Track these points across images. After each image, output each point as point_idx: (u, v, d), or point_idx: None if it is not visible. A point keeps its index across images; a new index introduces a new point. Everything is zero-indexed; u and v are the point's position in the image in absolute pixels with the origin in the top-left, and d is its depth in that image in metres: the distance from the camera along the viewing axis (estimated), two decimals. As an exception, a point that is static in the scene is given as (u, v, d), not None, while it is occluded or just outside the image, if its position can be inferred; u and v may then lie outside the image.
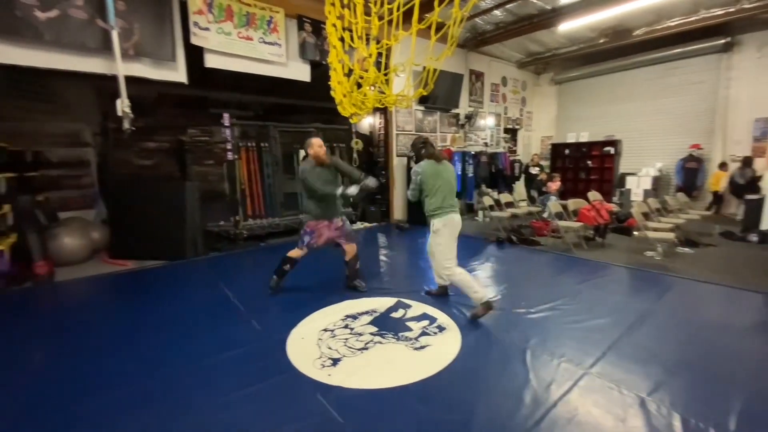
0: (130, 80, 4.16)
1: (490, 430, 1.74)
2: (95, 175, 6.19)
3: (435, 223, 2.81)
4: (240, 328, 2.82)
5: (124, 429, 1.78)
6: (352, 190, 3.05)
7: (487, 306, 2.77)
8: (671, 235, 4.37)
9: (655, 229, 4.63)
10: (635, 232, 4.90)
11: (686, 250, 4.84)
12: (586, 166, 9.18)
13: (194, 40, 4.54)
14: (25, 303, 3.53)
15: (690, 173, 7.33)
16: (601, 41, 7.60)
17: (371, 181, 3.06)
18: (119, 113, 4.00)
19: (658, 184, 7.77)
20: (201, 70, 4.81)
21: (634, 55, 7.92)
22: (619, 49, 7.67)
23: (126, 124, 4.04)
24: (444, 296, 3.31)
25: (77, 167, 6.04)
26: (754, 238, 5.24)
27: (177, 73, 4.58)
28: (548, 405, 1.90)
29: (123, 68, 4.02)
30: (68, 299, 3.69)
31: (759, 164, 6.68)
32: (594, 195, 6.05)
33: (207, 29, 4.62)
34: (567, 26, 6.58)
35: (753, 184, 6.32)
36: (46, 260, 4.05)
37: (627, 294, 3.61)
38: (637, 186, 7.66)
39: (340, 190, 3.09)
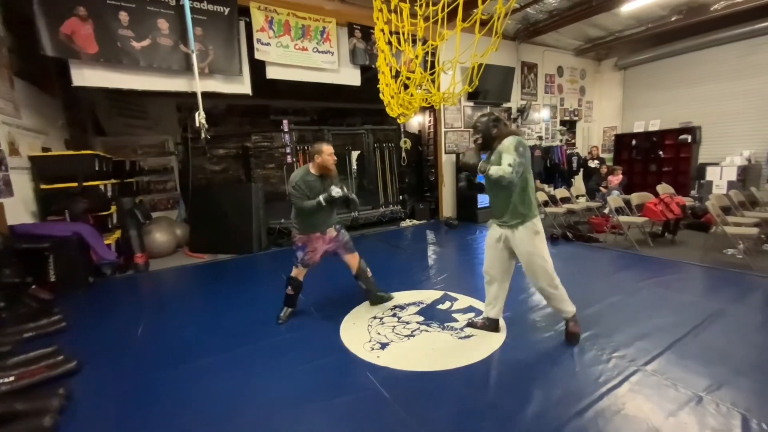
0: (204, 95, 4.73)
1: (530, 414, 1.79)
2: (177, 180, 7.09)
3: (537, 223, 2.21)
4: (300, 313, 3.12)
5: (212, 387, 2.14)
6: (336, 191, 2.68)
7: (576, 321, 2.43)
8: (755, 231, 3.90)
9: (736, 224, 4.16)
10: (713, 228, 4.43)
11: (776, 247, 4.28)
12: (658, 157, 8.38)
13: (258, 55, 5.03)
14: (129, 287, 4.22)
15: (788, 161, 6.38)
16: (674, 19, 6.88)
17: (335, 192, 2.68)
18: (197, 125, 4.58)
19: (747, 174, 6.84)
20: (262, 81, 5.29)
21: (712, 32, 7.06)
22: (695, 26, 6.88)
23: (203, 134, 4.61)
24: (494, 332, 2.61)
25: (163, 173, 6.97)
26: None
27: (243, 86, 5.10)
28: (594, 397, 1.89)
29: (200, 85, 4.60)
30: (162, 285, 4.34)
31: None
32: (664, 188, 5.55)
33: (268, 44, 5.08)
34: (632, 6, 6.07)
35: None
36: (143, 252, 4.78)
37: (698, 293, 3.32)
38: (720, 177, 6.83)
39: (323, 197, 2.67)
